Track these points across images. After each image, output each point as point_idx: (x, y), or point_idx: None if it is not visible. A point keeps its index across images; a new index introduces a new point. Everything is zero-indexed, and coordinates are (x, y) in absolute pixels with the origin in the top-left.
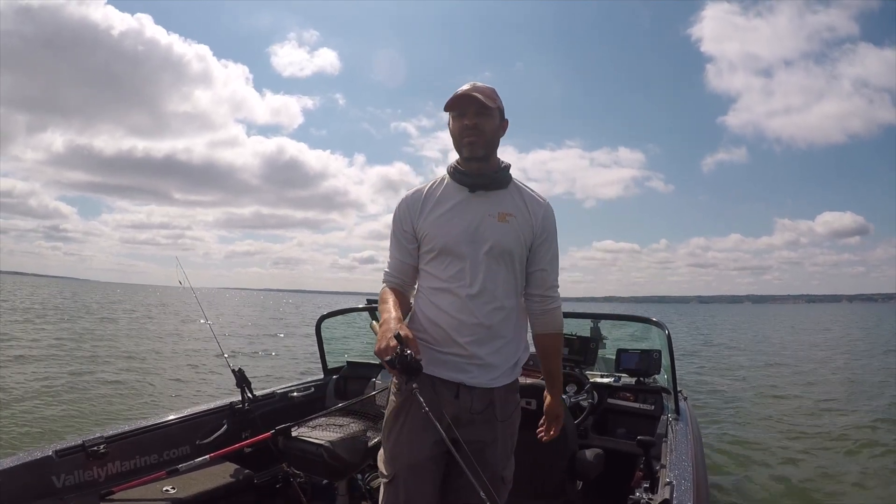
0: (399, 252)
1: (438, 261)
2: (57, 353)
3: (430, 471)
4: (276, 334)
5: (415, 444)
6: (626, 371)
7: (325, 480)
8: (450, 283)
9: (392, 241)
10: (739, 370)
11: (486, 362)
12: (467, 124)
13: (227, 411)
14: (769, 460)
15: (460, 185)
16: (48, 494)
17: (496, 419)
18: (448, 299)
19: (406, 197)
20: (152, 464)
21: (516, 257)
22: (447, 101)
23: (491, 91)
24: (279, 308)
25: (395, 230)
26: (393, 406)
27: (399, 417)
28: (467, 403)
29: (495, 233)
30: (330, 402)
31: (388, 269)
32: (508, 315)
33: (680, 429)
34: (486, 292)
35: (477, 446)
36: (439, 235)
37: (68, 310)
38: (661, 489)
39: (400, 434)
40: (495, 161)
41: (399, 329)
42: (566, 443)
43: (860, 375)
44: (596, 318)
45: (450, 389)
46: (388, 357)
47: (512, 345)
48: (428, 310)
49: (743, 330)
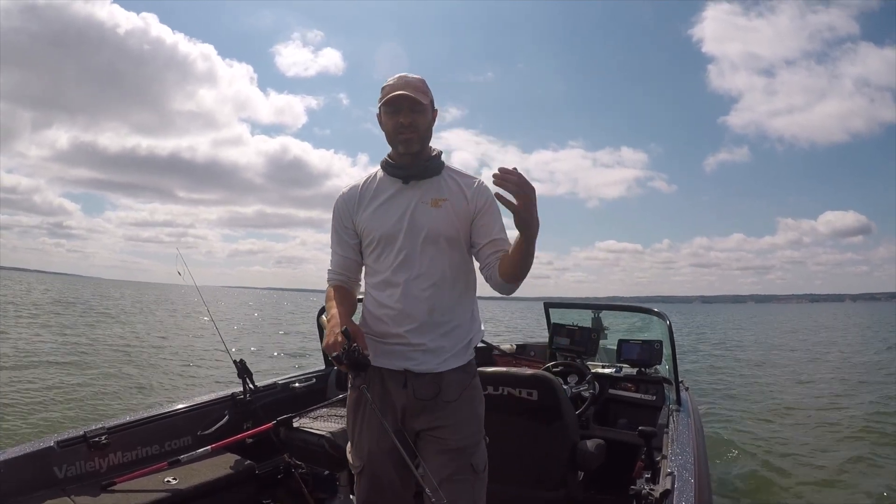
0: (341, 248)
1: (377, 252)
2: (58, 346)
3: (394, 460)
4: (277, 332)
5: (374, 436)
6: (627, 361)
7: (326, 471)
8: (389, 273)
9: (333, 237)
10: (740, 364)
11: (431, 347)
12: (402, 122)
13: (229, 402)
14: (770, 451)
15: (393, 178)
16: (50, 485)
17: (444, 401)
18: (388, 291)
19: (343, 193)
20: (154, 455)
21: (458, 239)
22: (382, 99)
23: (422, 84)
24: (282, 305)
25: (336, 226)
26: (350, 401)
27: (357, 411)
28: (415, 391)
29: (430, 219)
30: (331, 392)
31: (332, 266)
32: (456, 298)
33: (681, 419)
34: (425, 277)
35: (437, 433)
36: (376, 227)
37: (69, 304)
38: (663, 479)
39: (361, 427)
40: (427, 151)
41: (346, 324)
42: (567, 433)
43: (862, 372)
44: (597, 309)
45: (397, 380)
46: (336, 353)
47: (461, 328)
48: (372, 305)
49: (746, 329)
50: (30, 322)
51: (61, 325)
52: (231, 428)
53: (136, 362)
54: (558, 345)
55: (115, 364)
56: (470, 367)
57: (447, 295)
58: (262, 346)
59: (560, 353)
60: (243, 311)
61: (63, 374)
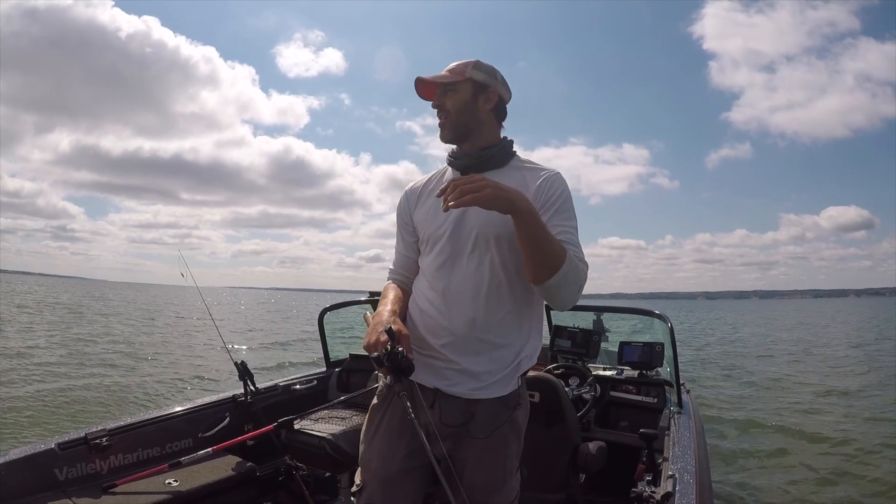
0: (402, 246)
1: (425, 253)
2: (60, 348)
3: (404, 486)
4: (278, 332)
5: (386, 453)
6: (628, 364)
7: (327, 473)
8: (432, 278)
9: (397, 235)
10: (742, 364)
11: (466, 368)
12: (434, 106)
13: (230, 404)
14: (771, 453)
15: (454, 170)
16: (51, 487)
17: (470, 435)
18: (429, 296)
19: (407, 189)
20: (155, 456)
21: (509, 242)
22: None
23: (460, 65)
24: (287, 305)
25: (398, 224)
26: (372, 404)
27: (374, 418)
28: (442, 415)
29: (481, 217)
30: (332, 394)
31: (393, 264)
32: (506, 311)
33: (683, 422)
34: (469, 283)
35: (455, 465)
36: (426, 226)
37: (72, 306)
38: (664, 482)
39: (373, 438)
40: (486, 137)
41: (391, 323)
42: (569, 436)
43: (866, 369)
44: (599, 311)
45: (426, 396)
46: (376, 354)
47: (510, 349)
48: (413, 309)
49: (751, 325)
50: (30, 323)
51: (63, 326)
52: (232, 430)
53: (137, 363)
54: (559, 347)
55: (116, 365)
56: (512, 400)
57: (494, 307)
58: (265, 344)
59: (561, 356)
60: (246, 311)
61: (63, 375)
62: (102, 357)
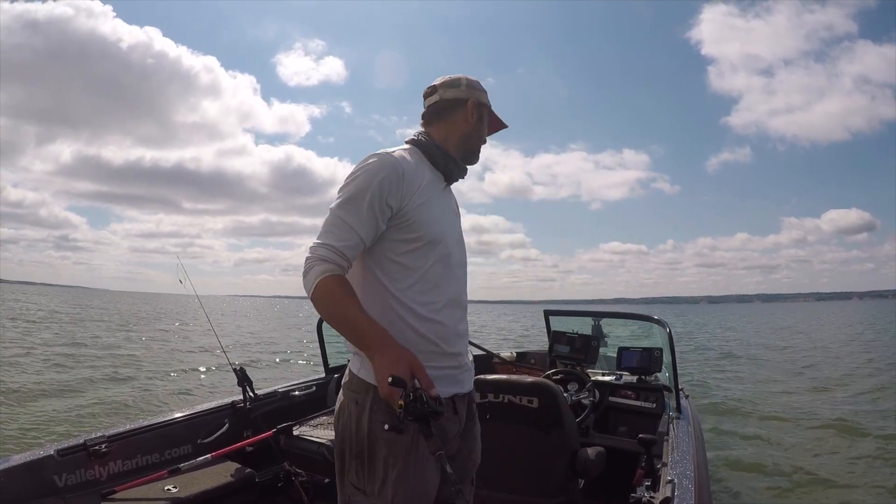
0: (367, 230)
1: (423, 253)
2: (60, 355)
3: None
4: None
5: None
6: (627, 369)
7: (326, 479)
8: (442, 281)
9: (366, 214)
10: (741, 368)
11: (467, 363)
12: (486, 139)
13: (229, 410)
14: (771, 458)
15: (436, 173)
16: (50, 494)
17: (475, 417)
18: (441, 302)
19: (400, 171)
20: (154, 463)
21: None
22: (500, 124)
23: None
24: (291, 313)
25: (376, 204)
26: (400, 444)
27: (409, 459)
28: (461, 415)
29: (459, 231)
30: (331, 400)
31: (337, 242)
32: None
33: (681, 427)
34: (465, 288)
35: (467, 453)
36: (433, 225)
37: (72, 315)
38: (663, 487)
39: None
40: None
41: (400, 361)
42: (568, 441)
43: (868, 372)
44: (597, 317)
45: (448, 407)
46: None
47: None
48: (416, 318)
49: (757, 330)
50: (28, 331)
51: (63, 335)
52: (231, 436)
53: (136, 370)
54: (558, 352)
55: (116, 372)
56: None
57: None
58: (264, 353)
59: (560, 361)
60: (245, 321)
61: (63, 379)
62: (102, 364)
